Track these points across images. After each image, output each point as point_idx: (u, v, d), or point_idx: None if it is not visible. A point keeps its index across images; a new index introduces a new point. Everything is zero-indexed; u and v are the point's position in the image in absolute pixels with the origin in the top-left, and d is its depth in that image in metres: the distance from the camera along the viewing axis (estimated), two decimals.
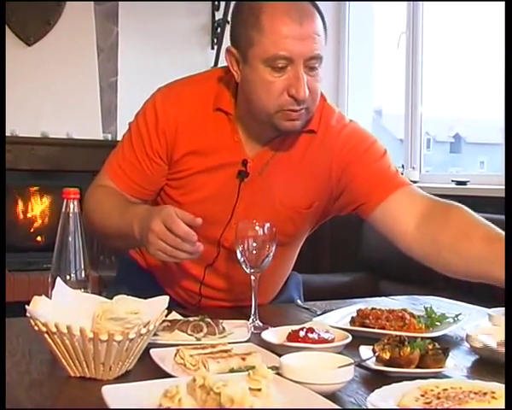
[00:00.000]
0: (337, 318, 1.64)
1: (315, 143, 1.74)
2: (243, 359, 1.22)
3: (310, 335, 1.36)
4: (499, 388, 1.05)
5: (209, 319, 1.48)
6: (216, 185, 1.72)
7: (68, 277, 1.36)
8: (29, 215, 4.96)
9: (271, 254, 1.59)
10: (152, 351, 1.29)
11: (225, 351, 1.26)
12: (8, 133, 4.62)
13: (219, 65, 5.17)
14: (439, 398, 1.05)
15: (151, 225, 1.50)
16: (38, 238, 4.95)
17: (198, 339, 1.43)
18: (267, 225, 1.59)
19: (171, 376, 1.16)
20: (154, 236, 1.50)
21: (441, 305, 1.85)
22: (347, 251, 4.56)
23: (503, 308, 1.33)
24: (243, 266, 1.59)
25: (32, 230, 4.96)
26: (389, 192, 1.72)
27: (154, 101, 1.75)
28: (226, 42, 5.26)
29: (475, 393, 1.06)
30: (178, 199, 1.75)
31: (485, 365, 1.33)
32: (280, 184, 1.73)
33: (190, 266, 1.79)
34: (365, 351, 1.30)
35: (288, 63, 1.55)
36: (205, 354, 1.24)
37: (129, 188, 1.76)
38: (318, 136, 1.73)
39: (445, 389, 1.08)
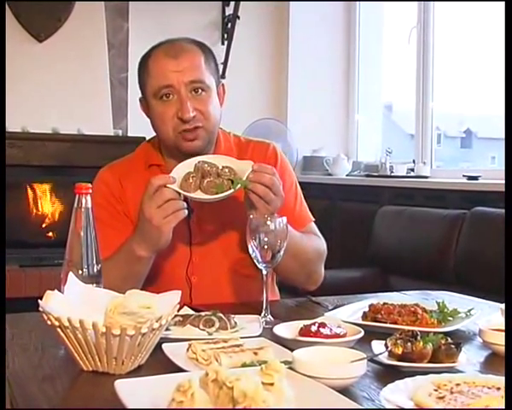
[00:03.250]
0: (349, 313, 1.64)
1: (244, 158, 1.86)
2: (255, 353, 1.22)
3: (322, 329, 1.35)
4: None
5: (221, 314, 1.48)
6: None
7: (80, 271, 1.36)
8: (40, 211, 4.97)
9: (283, 249, 1.59)
10: (164, 346, 1.29)
11: (237, 346, 1.26)
12: (19, 129, 4.63)
13: (229, 61, 5.18)
14: (452, 393, 1.05)
15: (146, 214, 1.65)
16: (50, 234, 4.95)
17: (210, 334, 1.43)
18: (278, 219, 1.58)
19: (183, 370, 1.17)
20: (155, 218, 1.64)
21: (453, 300, 1.84)
22: (358, 247, 4.55)
23: None
24: (255, 260, 1.59)
25: (43, 225, 4.96)
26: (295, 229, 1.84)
27: (98, 177, 1.96)
28: (236, 38, 5.30)
29: (489, 388, 1.05)
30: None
31: (497, 359, 1.33)
32: (223, 209, 1.81)
33: None
34: (377, 346, 1.30)
35: (171, 91, 1.81)
36: (217, 348, 1.24)
37: (112, 251, 1.81)
38: (245, 158, 1.85)
39: (458, 384, 1.08)
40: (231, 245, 1.87)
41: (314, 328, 1.36)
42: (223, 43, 5.29)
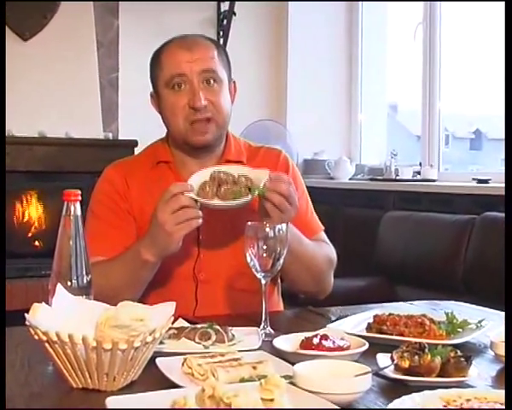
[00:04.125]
0: (353, 324, 1.64)
1: (254, 167, 1.92)
2: (254, 367, 1.22)
3: (324, 342, 1.35)
4: None
5: (218, 326, 1.48)
6: None
7: (69, 283, 1.36)
8: (26, 219, 4.97)
9: (282, 257, 1.59)
10: (158, 360, 1.29)
11: (235, 359, 1.26)
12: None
13: None
14: (462, 409, 1.05)
15: (159, 218, 1.69)
16: (36, 243, 4.95)
17: (206, 347, 1.43)
18: (278, 226, 1.59)
19: (178, 386, 1.16)
20: (168, 224, 1.68)
21: (463, 310, 1.84)
22: (362, 254, 4.56)
23: None
24: (253, 269, 1.59)
25: (29, 234, 4.96)
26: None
27: (103, 175, 2.03)
28: (233, 34, 5.31)
29: (501, 403, 1.05)
30: None
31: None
32: (232, 210, 1.82)
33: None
34: (383, 359, 1.30)
35: (183, 80, 1.88)
36: (214, 362, 1.24)
37: (112, 252, 1.87)
38: (254, 162, 1.97)
39: (469, 400, 1.08)
40: (240, 244, 1.85)
41: (316, 340, 1.36)
42: (218, 40, 5.30)
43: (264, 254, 1.57)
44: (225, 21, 5.27)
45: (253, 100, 5.41)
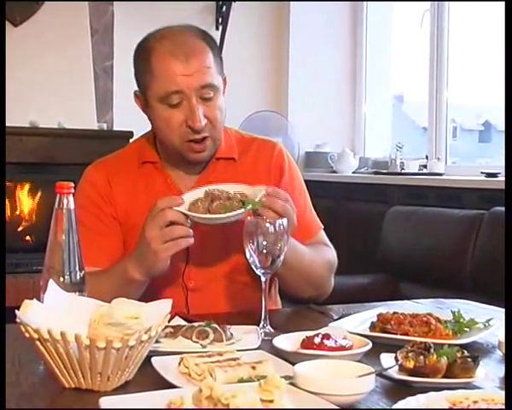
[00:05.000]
0: (356, 323, 1.64)
1: (245, 165, 1.98)
2: (253, 367, 1.23)
3: (326, 341, 1.36)
4: None
5: (216, 325, 1.49)
6: None
7: (62, 279, 1.36)
8: (17, 213, 4.97)
9: (283, 253, 1.59)
10: (153, 359, 1.29)
11: (234, 359, 1.26)
12: None
13: (224, 47, 5.18)
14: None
15: (146, 235, 1.67)
16: (27, 238, 4.95)
17: (204, 346, 1.43)
18: (278, 221, 1.59)
19: (174, 386, 1.17)
20: (155, 242, 1.65)
21: (470, 309, 1.84)
22: (365, 251, 4.56)
23: None
24: (252, 266, 1.59)
25: (20, 228, 4.96)
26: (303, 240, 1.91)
27: (84, 176, 1.99)
28: (232, 21, 5.29)
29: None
30: None
31: None
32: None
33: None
34: (387, 359, 1.30)
35: (181, 98, 1.81)
36: (211, 362, 1.24)
37: (99, 260, 1.86)
38: (247, 157, 2.00)
39: (476, 401, 1.08)
40: (230, 249, 1.88)
41: (317, 340, 1.36)
42: (217, 28, 5.28)
43: (264, 251, 1.57)
44: (224, 8, 5.26)
45: (252, 90, 5.41)
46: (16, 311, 1.23)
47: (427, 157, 4.85)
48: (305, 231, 1.91)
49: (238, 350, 1.34)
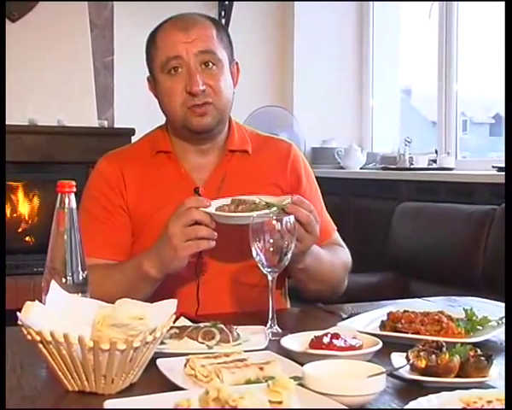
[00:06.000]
0: (365, 322, 1.64)
1: (259, 160, 2.03)
2: (261, 368, 1.23)
3: (335, 341, 1.36)
4: None
5: (222, 325, 1.49)
6: None
7: (64, 280, 1.37)
8: (16, 213, 4.98)
9: (290, 251, 1.59)
10: (159, 361, 1.29)
11: (241, 360, 1.26)
12: None
13: None
14: None
15: (169, 231, 1.70)
16: (27, 239, 4.96)
17: (210, 347, 1.43)
18: (285, 218, 1.59)
19: (180, 388, 1.17)
20: (176, 238, 1.69)
21: (483, 306, 1.84)
22: (374, 248, 4.56)
23: None
24: (259, 265, 1.60)
25: (19, 229, 4.97)
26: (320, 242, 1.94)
27: (97, 167, 2.03)
28: (235, 15, 5.28)
29: None
30: (143, 250, 1.87)
31: None
32: None
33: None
34: (398, 359, 1.30)
35: (180, 64, 1.88)
36: (218, 363, 1.25)
37: (106, 252, 1.93)
38: (261, 153, 2.04)
39: (490, 401, 1.08)
40: (244, 246, 1.87)
41: (326, 339, 1.36)
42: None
43: (271, 249, 1.57)
44: (227, 1, 5.26)
45: (256, 85, 5.41)
46: (18, 313, 1.23)
47: (436, 152, 4.84)
48: (322, 233, 1.92)
49: (245, 351, 1.34)
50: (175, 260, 1.72)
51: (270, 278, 1.61)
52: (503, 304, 1.97)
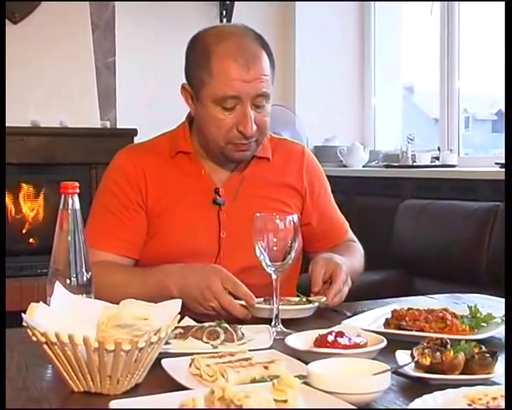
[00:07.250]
0: (369, 320, 1.64)
1: (277, 164, 2.07)
2: (266, 367, 1.23)
3: (340, 339, 1.36)
4: None
5: (226, 325, 1.49)
6: (194, 217, 1.97)
7: (68, 281, 1.37)
8: (20, 215, 4.98)
9: (294, 250, 1.59)
10: (164, 361, 1.29)
11: (245, 359, 1.27)
12: None
13: None
14: (488, 408, 1.05)
15: (210, 284, 1.72)
16: (31, 240, 4.96)
17: (215, 347, 1.43)
18: (289, 217, 1.59)
19: (186, 388, 1.17)
20: (211, 294, 1.71)
21: (487, 303, 1.84)
22: (377, 246, 4.54)
23: None
24: (263, 264, 1.60)
25: (23, 231, 4.98)
26: (334, 243, 2.12)
27: (116, 160, 2.04)
28: (237, 13, 5.28)
29: None
30: (160, 248, 1.95)
31: None
32: (256, 205, 1.90)
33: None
34: (402, 356, 1.31)
35: (236, 102, 1.86)
36: (223, 363, 1.25)
37: (119, 248, 1.95)
38: (278, 157, 2.08)
39: (495, 398, 1.08)
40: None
41: (331, 338, 1.36)
42: (221, 21, 5.29)
43: (275, 248, 1.58)
44: (228, 1, 5.26)
45: None
46: (22, 314, 1.24)
47: (439, 149, 4.84)
48: (337, 231, 2.04)
49: (250, 350, 1.34)
50: (196, 298, 1.73)
51: (274, 276, 1.61)
52: None
